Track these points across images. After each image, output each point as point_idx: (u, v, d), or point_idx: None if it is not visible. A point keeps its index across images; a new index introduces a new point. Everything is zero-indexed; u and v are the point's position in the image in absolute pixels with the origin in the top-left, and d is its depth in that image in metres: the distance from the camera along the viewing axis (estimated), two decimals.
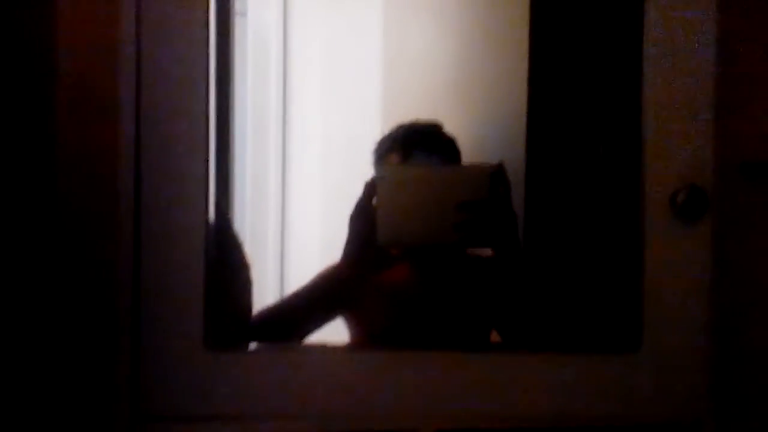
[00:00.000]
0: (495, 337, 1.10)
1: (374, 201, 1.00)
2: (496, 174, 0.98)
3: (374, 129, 1.10)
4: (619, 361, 0.94)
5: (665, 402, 0.93)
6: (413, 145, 1.06)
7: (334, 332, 1.08)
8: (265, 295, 1.11)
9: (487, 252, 1.04)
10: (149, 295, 0.91)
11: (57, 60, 0.88)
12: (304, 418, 0.93)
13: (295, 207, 1.19)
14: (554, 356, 0.94)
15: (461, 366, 0.94)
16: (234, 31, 1.08)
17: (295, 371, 0.93)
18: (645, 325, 0.93)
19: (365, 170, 1.08)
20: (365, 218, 1.00)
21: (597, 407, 0.94)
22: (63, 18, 0.88)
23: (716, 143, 0.92)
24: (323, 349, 1.02)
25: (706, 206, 0.91)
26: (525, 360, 0.95)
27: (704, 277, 0.92)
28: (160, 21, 0.91)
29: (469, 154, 1.07)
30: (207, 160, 0.92)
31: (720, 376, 0.93)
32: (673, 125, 0.93)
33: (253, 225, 1.15)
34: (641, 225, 0.93)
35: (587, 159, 1.08)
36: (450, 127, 1.08)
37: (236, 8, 1.07)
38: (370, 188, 0.99)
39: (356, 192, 1.02)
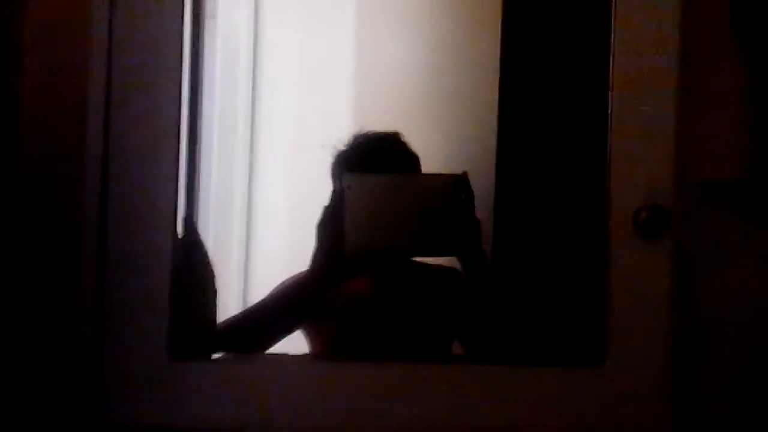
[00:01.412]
0: (458, 348, 1.11)
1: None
2: (459, 182, 1.00)
3: (344, 136, 1.09)
4: (583, 373, 0.96)
5: (629, 412, 0.95)
6: (373, 156, 1.06)
7: (293, 343, 1.07)
8: (228, 303, 1.10)
9: (452, 262, 1.05)
10: (113, 304, 0.89)
11: (23, 60, 0.86)
12: (270, 429, 0.92)
13: (260, 214, 1.18)
14: (520, 368, 0.96)
15: (427, 377, 0.95)
16: (204, 34, 1.06)
17: (261, 381, 0.92)
18: (609, 337, 0.95)
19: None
20: (333, 227, 0.99)
21: (562, 418, 0.95)
22: (32, 15, 0.85)
23: (677, 163, 0.96)
24: (289, 360, 1.01)
25: (667, 224, 0.95)
26: (491, 371, 0.96)
27: (666, 291, 0.95)
28: (132, 21, 0.89)
29: (439, 164, 1.08)
30: (177, 168, 0.90)
31: (682, 386, 0.96)
32: (636, 146, 0.96)
33: (217, 232, 1.13)
34: (606, 241, 0.96)
35: (554, 174, 1.10)
36: (421, 136, 1.09)
37: (206, 11, 1.06)
38: (338, 197, 0.99)
39: (324, 200, 1.01)
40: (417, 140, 1.08)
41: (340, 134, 1.09)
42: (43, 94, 0.86)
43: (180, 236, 0.93)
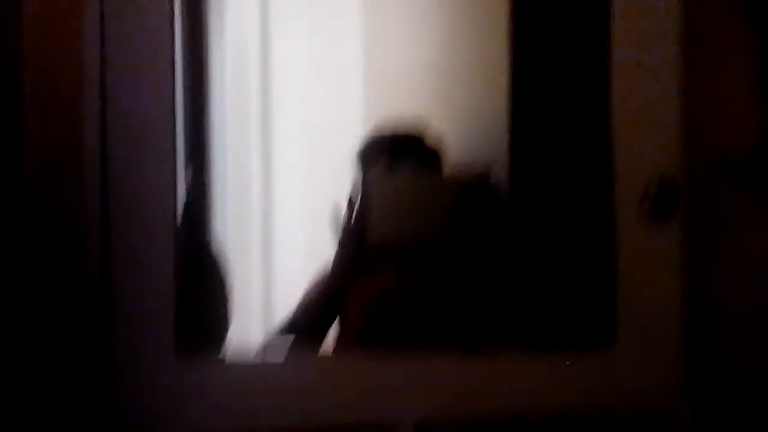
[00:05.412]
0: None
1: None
2: (483, 179, 0.99)
3: (357, 131, 1.10)
4: (595, 357, 0.95)
5: (640, 395, 0.95)
6: (400, 153, 1.07)
7: None
8: (250, 304, 1.11)
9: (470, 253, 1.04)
10: (120, 304, 0.89)
11: (23, 72, 0.85)
12: (279, 428, 0.92)
13: (278, 212, 1.18)
14: (532, 353, 0.96)
15: (440, 363, 0.96)
16: (209, 31, 1.07)
17: (267, 379, 0.93)
18: (619, 321, 0.94)
19: (348, 174, 1.08)
20: (357, 225, 1.01)
21: (575, 401, 0.97)
22: (29, 22, 0.85)
23: (687, 143, 0.94)
24: (293, 356, 1.02)
25: (677, 204, 0.93)
26: (503, 357, 0.97)
27: (676, 272, 0.94)
28: (123, 24, 0.89)
29: (452, 154, 1.08)
30: (174, 166, 0.91)
31: (694, 369, 0.94)
32: (644, 127, 0.95)
33: (234, 233, 1.14)
34: (615, 224, 0.94)
35: (564, 158, 1.08)
36: (433, 128, 1.08)
37: (212, 7, 1.07)
38: (362, 195, 1.01)
39: (339, 197, 1.03)
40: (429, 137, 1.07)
41: (353, 128, 1.09)
42: (43, 90, 0.86)
43: (188, 240, 0.94)
